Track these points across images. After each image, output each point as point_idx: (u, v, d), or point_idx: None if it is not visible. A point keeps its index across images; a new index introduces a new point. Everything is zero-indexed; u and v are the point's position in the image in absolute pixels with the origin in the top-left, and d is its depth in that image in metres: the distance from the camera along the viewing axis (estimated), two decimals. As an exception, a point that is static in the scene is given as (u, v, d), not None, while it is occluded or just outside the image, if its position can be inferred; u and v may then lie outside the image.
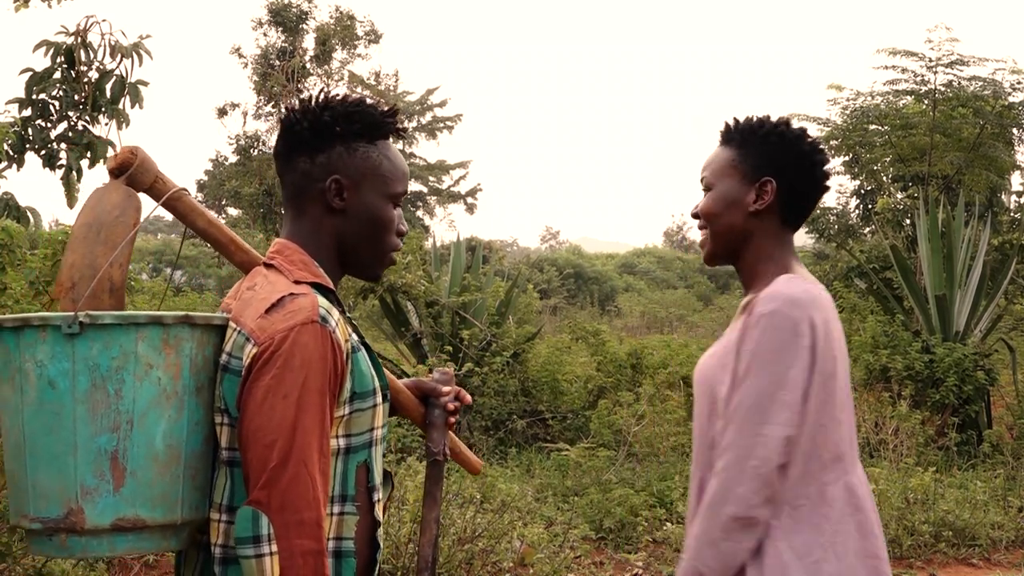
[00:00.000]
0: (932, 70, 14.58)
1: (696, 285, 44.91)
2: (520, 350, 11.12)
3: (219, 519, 2.00)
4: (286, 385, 1.91)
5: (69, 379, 1.86)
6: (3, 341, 1.92)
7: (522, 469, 9.49)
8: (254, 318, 1.99)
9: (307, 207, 2.18)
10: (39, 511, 1.89)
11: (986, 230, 12.43)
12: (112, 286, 2.02)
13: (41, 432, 1.88)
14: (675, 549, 7.49)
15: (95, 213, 2.08)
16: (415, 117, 50.55)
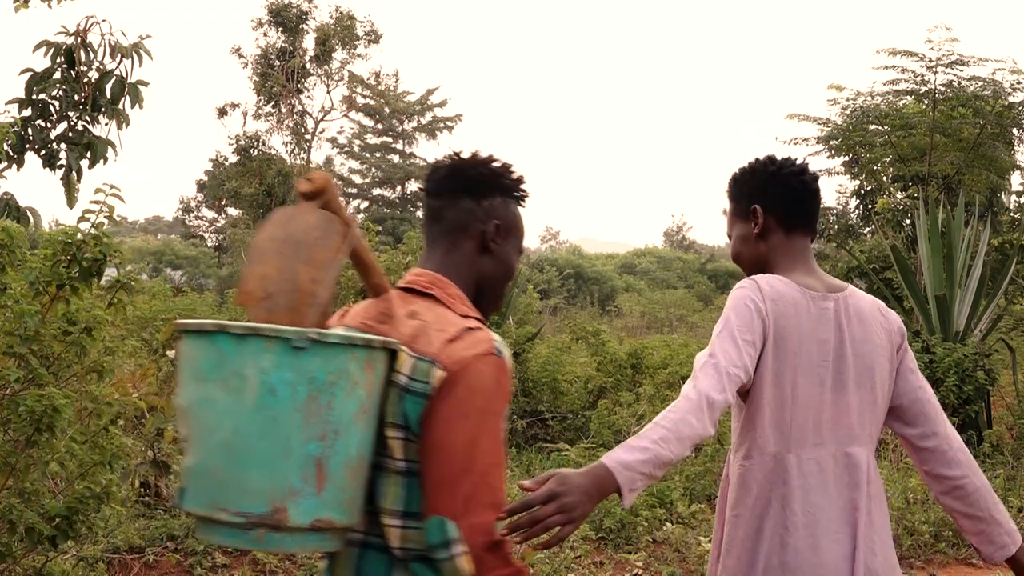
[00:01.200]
0: (932, 70, 14.60)
1: (696, 285, 44.95)
2: (520, 350, 11.12)
3: (394, 524, 2.18)
4: (472, 407, 2.13)
5: (290, 388, 2.00)
6: (217, 344, 2.03)
7: (522, 469, 9.49)
8: (437, 346, 2.18)
9: (463, 243, 2.43)
10: (243, 507, 2.00)
11: (986, 230, 12.44)
12: (316, 303, 2.14)
13: (256, 435, 2.00)
14: (675, 549, 7.50)
15: (288, 231, 2.19)
16: (415, 117, 50.56)
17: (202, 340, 2.06)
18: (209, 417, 2.05)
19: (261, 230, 2.23)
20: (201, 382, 2.06)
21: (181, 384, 2.12)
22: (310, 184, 2.23)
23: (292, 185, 27.83)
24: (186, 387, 2.10)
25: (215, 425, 2.03)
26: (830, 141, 16.13)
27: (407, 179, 50.40)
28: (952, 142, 15.15)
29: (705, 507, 8.08)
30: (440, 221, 2.44)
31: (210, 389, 2.04)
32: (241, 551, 6.53)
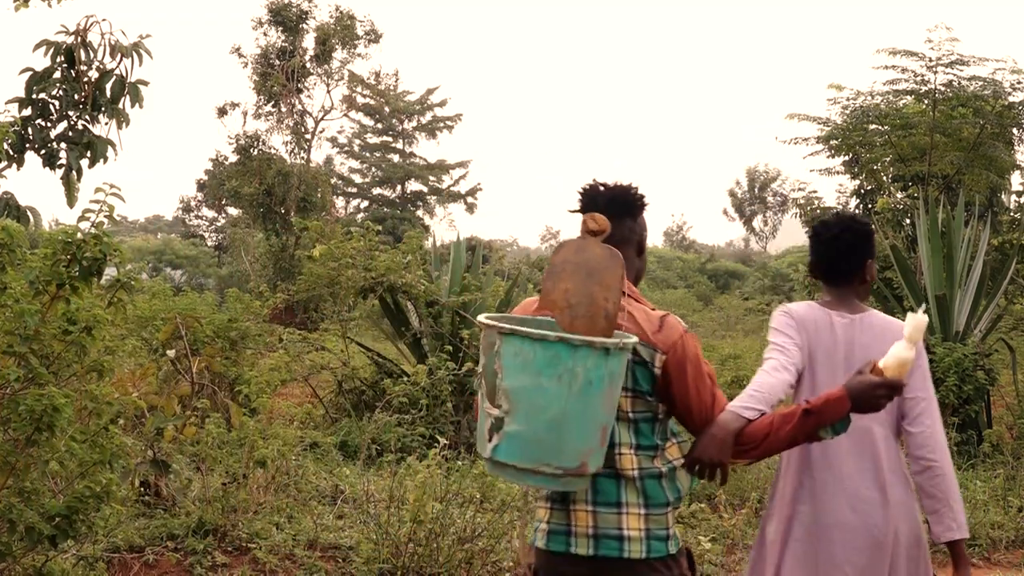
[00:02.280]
0: (932, 70, 14.57)
1: (696, 285, 44.97)
2: (520, 350, 11.12)
3: (630, 453, 3.13)
4: (687, 369, 3.15)
5: (601, 381, 2.84)
6: (553, 349, 2.79)
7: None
8: (652, 336, 3.15)
9: (628, 251, 3.32)
10: (561, 463, 2.85)
11: (986, 230, 12.43)
12: (607, 315, 2.95)
13: (576, 414, 2.82)
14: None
15: (581, 258, 3.00)
16: (415, 117, 50.55)
17: (537, 344, 2.81)
18: (540, 400, 2.81)
19: (556, 254, 3.04)
20: (535, 374, 2.81)
21: (507, 373, 2.83)
22: (596, 224, 3.04)
23: (292, 185, 27.84)
24: (515, 376, 2.83)
25: (546, 406, 2.81)
26: (830, 141, 16.11)
27: (407, 178, 50.41)
28: (952, 142, 15.13)
29: (705, 507, 8.07)
30: (612, 236, 3.14)
31: (543, 380, 2.80)
32: (240, 551, 6.55)
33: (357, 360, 12.01)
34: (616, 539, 3.10)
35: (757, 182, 76.91)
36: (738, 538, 7.77)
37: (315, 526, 6.96)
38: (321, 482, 8.07)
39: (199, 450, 7.16)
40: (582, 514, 3.12)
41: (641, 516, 3.11)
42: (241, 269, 33.06)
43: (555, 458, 2.85)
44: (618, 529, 3.10)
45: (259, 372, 8.79)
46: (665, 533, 3.15)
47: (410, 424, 9.19)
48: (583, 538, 3.12)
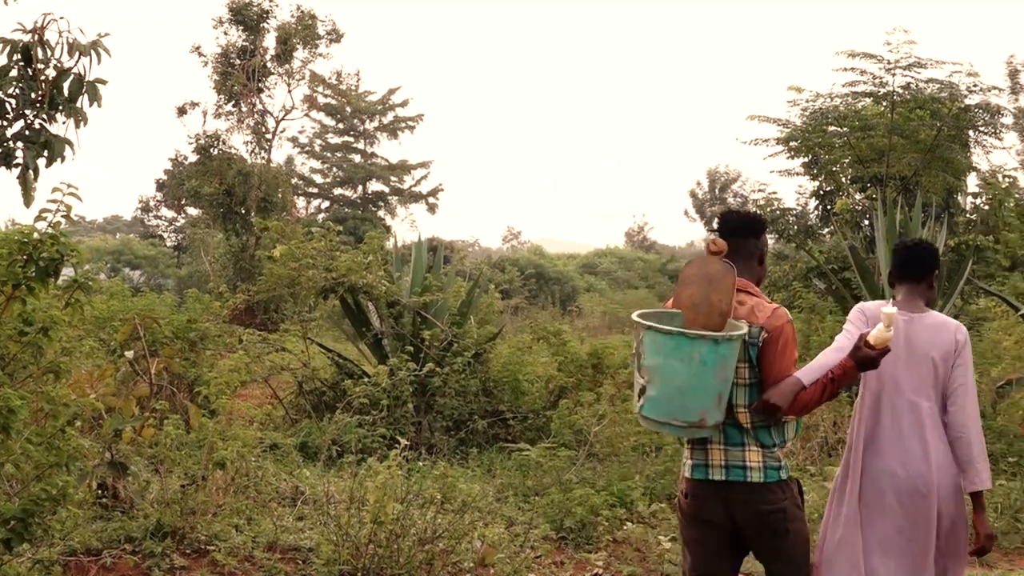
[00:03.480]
0: (890, 72, 14.72)
1: (657, 285, 45.04)
2: (481, 350, 11.11)
3: (743, 411, 4.30)
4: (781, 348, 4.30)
5: (713, 362, 4.03)
6: (676, 340, 4.04)
7: (483, 469, 9.49)
8: (763, 320, 4.31)
9: (752, 262, 4.53)
10: (685, 418, 4.09)
11: (943, 231, 12.54)
12: (721, 312, 4.18)
13: (695, 384, 4.05)
14: (635, 548, 7.52)
15: (704, 271, 4.24)
16: (376, 117, 50.41)
17: (667, 336, 4.06)
18: (669, 373, 4.06)
19: (687, 268, 4.33)
20: (666, 357, 4.06)
21: (647, 354, 4.10)
22: (716, 247, 4.25)
23: (252, 185, 27.67)
24: (652, 357, 4.09)
25: (673, 377, 4.06)
26: (790, 142, 16.23)
27: (368, 179, 50.24)
28: (910, 144, 15.27)
29: (665, 506, 8.10)
30: (739, 251, 4.43)
31: (671, 361, 4.05)
32: (199, 554, 6.52)
33: (318, 361, 11.96)
34: (741, 468, 4.31)
35: (718, 183, 77.22)
36: (698, 537, 7.80)
37: (275, 528, 6.92)
38: (281, 483, 8.02)
39: (157, 452, 7.11)
40: (716, 452, 4.36)
41: (759, 451, 4.31)
42: (201, 270, 32.84)
43: (680, 414, 4.11)
44: (742, 462, 4.31)
45: (218, 373, 8.75)
46: (777, 465, 4.33)
47: (371, 425, 9.16)
48: (718, 468, 4.34)
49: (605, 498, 8.10)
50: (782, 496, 4.30)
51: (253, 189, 27.74)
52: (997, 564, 7.87)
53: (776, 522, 4.30)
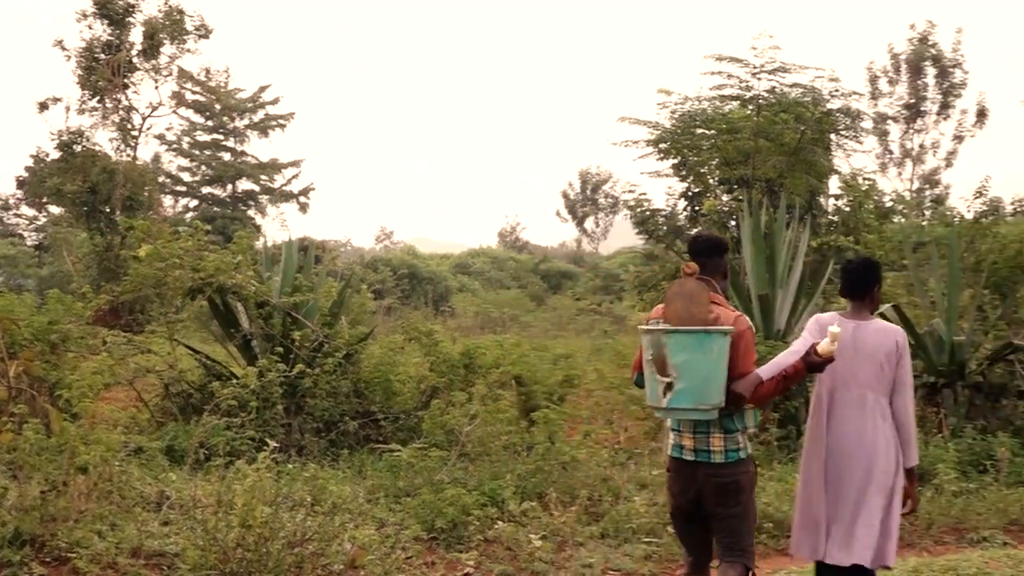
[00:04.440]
0: (756, 76, 15.02)
1: (529, 285, 45.34)
2: (353, 351, 11.03)
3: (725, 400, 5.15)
4: (743, 348, 5.13)
5: (722, 351, 5.03)
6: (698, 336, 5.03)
7: (354, 471, 9.42)
8: (730, 323, 5.14)
9: (718, 276, 5.41)
10: (709, 402, 5.02)
11: (806, 232, 12.86)
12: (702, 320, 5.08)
13: (715, 371, 5.02)
14: (506, 547, 7.55)
15: (682, 289, 5.15)
16: (246, 114, 49.71)
17: (689, 334, 5.05)
18: (695, 366, 5.02)
19: (669, 288, 5.23)
20: (691, 352, 5.03)
21: (673, 354, 5.05)
22: (689, 269, 5.22)
23: (117, 183, 27.06)
24: (678, 355, 5.04)
25: (698, 369, 5.03)
26: (659, 144, 16.45)
27: (238, 177, 49.52)
28: (775, 146, 15.60)
29: (536, 505, 8.15)
30: (707, 267, 5.36)
31: (696, 355, 5.02)
32: (60, 561, 6.36)
33: (185, 363, 11.73)
34: (707, 451, 5.31)
35: (589, 184, 77.97)
36: (568, 535, 7.87)
37: (139, 533, 6.78)
38: (146, 488, 7.85)
39: (16, 457, 6.92)
40: (687, 438, 5.36)
41: (721, 437, 5.28)
42: (63, 270, 31.96)
43: (707, 400, 5.05)
44: (708, 446, 5.31)
45: (81, 376, 8.51)
46: (736, 447, 5.30)
47: (239, 427, 9.04)
48: (689, 451, 5.36)
49: (476, 498, 8.11)
50: (738, 471, 5.31)
51: (118, 187, 27.12)
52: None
53: (731, 492, 5.31)
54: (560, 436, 9.87)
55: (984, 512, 8.78)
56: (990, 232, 13.10)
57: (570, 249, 76.44)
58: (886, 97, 53.64)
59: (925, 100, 53.14)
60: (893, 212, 16.94)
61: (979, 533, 8.62)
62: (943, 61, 52.80)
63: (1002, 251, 12.61)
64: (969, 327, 11.86)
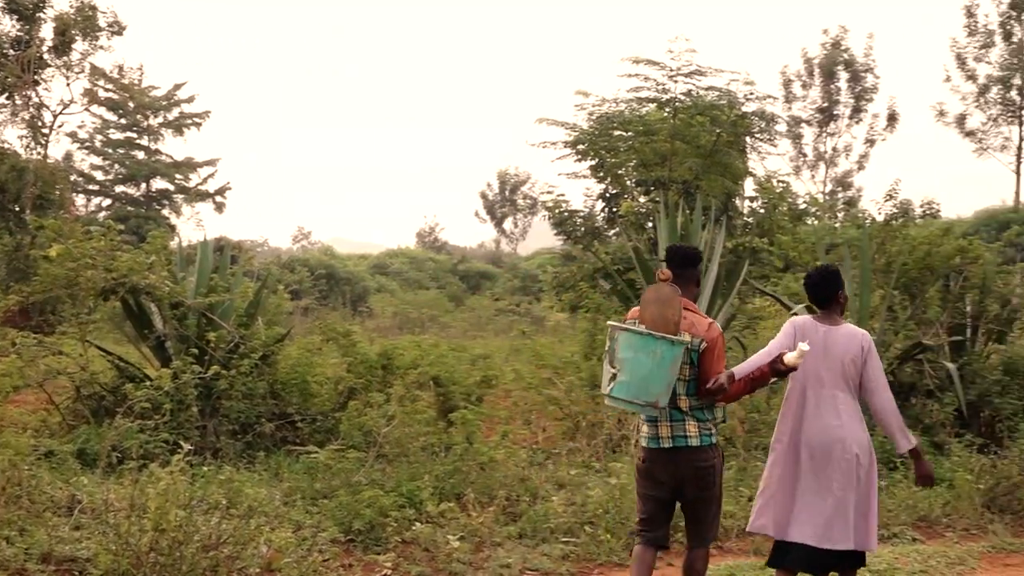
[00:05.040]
0: (672, 79, 15.16)
1: (448, 286, 45.30)
2: (269, 352, 10.94)
3: (685, 397, 5.80)
4: (715, 354, 5.79)
5: (669, 358, 5.56)
6: (645, 338, 5.55)
7: (270, 473, 9.34)
8: (702, 332, 5.80)
9: (692, 285, 6.02)
10: (645, 399, 5.55)
11: (721, 233, 13.00)
12: (674, 323, 5.59)
13: (655, 374, 5.54)
14: (424, 548, 7.54)
15: (657, 295, 5.65)
16: (161, 113, 49.03)
17: (637, 335, 5.58)
18: (637, 365, 5.54)
19: (645, 293, 5.73)
20: (636, 352, 5.55)
21: (620, 349, 5.62)
22: (663, 275, 5.73)
23: (27, 181, 26.53)
24: (624, 351, 5.59)
25: (639, 368, 5.54)
26: (577, 145, 16.53)
27: (152, 176, 48.81)
28: (691, 149, 15.75)
29: (454, 505, 8.14)
30: (682, 277, 5.93)
31: (639, 355, 5.54)
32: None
33: (97, 364, 11.52)
34: (684, 437, 5.86)
35: (508, 185, 78.13)
36: (486, 536, 7.89)
37: (49, 539, 6.66)
38: (57, 492, 7.71)
39: (-80, 462, 6.75)
40: (664, 427, 5.89)
41: (696, 424, 5.87)
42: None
43: (642, 396, 5.60)
44: (684, 432, 5.87)
45: (-11, 378, 8.34)
46: (709, 433, 5.91)
47: (153, 430, 8.91)
48: (666, 439, 5.88)
49: (394, 499, 8.10)
50: (713, 455, 5.93)
51: (28, 186, 26.57)
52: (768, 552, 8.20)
53: (707, 474, 5.92)
54: (478, 436, 9.88)
55: (894, 509, 8.94)
56: (900, 234, 13.32)
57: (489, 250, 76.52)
58: (800, 101, 54.71)
59: (838, 104, 54.23)
60: (806, 214, 17.18)
61: (889, 529, 8.79)
62: (855, 66, 53.91)
63: (911, 252, 12.82)
64: (880, 327, 12.08)
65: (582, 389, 11.65)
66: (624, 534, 8.03)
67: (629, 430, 10.30)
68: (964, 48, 48.50)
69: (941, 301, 12.78)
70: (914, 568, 7.66)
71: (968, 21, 48.39)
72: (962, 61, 48.53)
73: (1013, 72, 47.35)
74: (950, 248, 12.99)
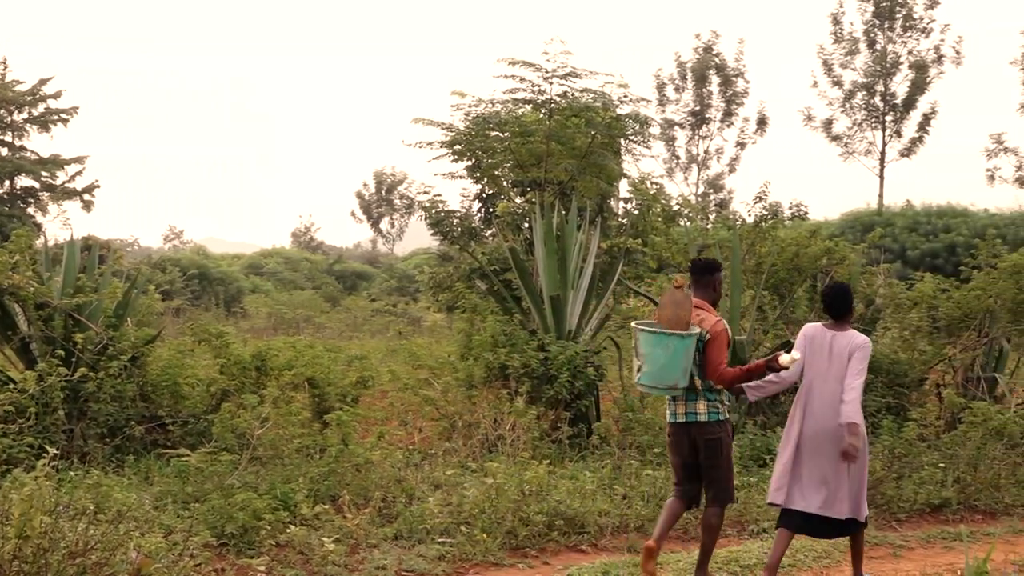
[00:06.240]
0: (548, 81, 15.21)
1: (324, 286, 44.90)
2: (139, 353, 10.71)
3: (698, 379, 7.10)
4: (717, 344, 7.05)
5: (680, 350, 6.94)
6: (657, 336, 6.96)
7: (140, 477, 9.16)
8: (708, 327, 7.07)
9: (709, 290, 7.35)
10: (665, 383, 7.01)
11: (596, 234, 13.15)
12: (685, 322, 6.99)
13: (670, 363, 6.94)
14: (299, 551, 7.47)
15: (672, 299, 6.99)
16: (26, 108, 47.63)
17: (652, 334, 7.00)
18: (654, 358, 6.97)
19: (662, 297, 7.19)
20: (652, 347, 6.98)
21: (642, 345, 7.06)
22: (678, 282, 7.08)
23: None
24: (645, 348, 7.03)
25: (657, 360, 6.96)
26: (454, 146, 16.47)
27: (16, 173, 47.32)
28: (567, 150, 15.81)
29: (329, 508, 8.09)
30: (699, 283, 7.33)
31: (655, 349, 6.97)
32: None
33: (-43, 367, 11.17)
34: (694, 413, 7.14)
35: (384, 184, 77.88)
36: (362, 537, 7.85)
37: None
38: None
39: None
40: (680, 405, 7.18)
41: (705, 403, 7.13)
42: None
43: (662, 381, 6.99)
44: (695, 410, 7.14)
45: None
46: (716, 410, 7.14)
47: (17, 434, 8.68)
48: (681, 415, 7.19)
49: (268, 502, 8.00)
50: (719, 429, 7.16)
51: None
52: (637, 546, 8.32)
53: (715, 445, 7.15)
54: (354, 438, 9.83)
55: (763, 505, 9.14)
56: (769, 235, 13.64)
57: (365, 250, 76.22)
58: (673, 104, 55.46)
59: (710, 108, 55.11)
60: (679, 215, 17.41)
61: (759, 525, 9.00)
62: (727, 70, 54.89)
63: (780, 253, 13.14)
64: (750, 327, 12.35)
65: (459, 389, 11.68)
66: (500, 534, 8.09)
67: (505, 430, 10.36)
68: (831, 55, 49.70)
69: (809, 301, 13.14)
70: (783, 563, 7.84)
71: (834, 29, 49.60)
72: (829, 67, 49.75)
73: (876, 79, 48.74)
74: (817, 249, 13.35)
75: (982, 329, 12.87)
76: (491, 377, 11.67)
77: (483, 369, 11.67)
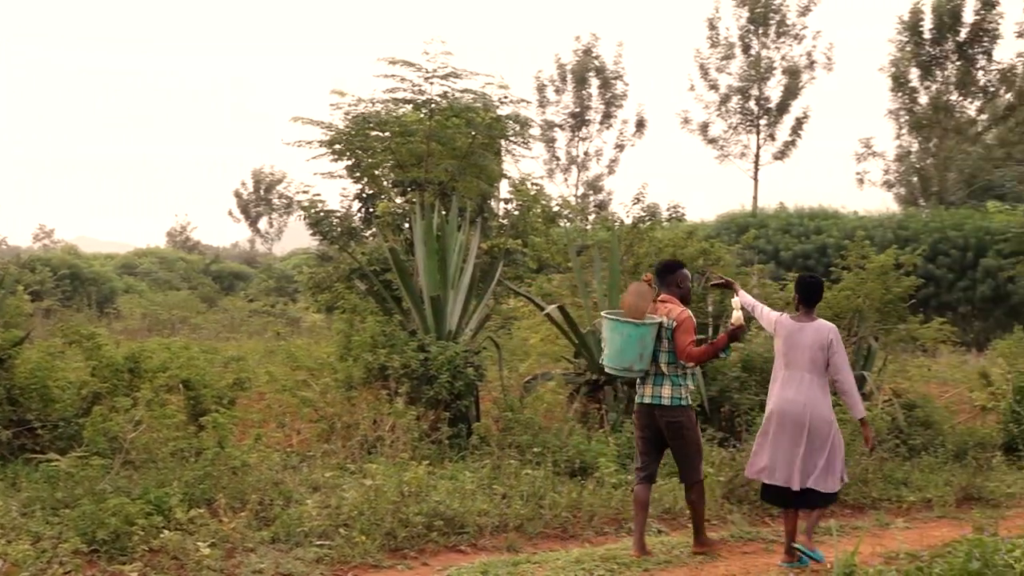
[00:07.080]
0: (429, 81, 15.19)
1: (200, 286, 44.22)
2: (6, 355, 10.41)
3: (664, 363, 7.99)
4: (685, 331, 7.89)
5: (635, 336, 7.87)
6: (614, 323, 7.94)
7: (7, 483, 8.90)
8: (675, 316, 7.94)
9: (673, 287, 8.22)
10: (622, 365, 7.99)
11: (477, 234, 13.17)
12: (644, 312, 7.91)
13: (625, 348, 7.89)
14: (173, 557, 7.34)
15: (637, 290, 7.99)
16: None
17: (611, 321, 7.96)
18: (611, 341, 7.97)
19: (629, 288, 8.15)
20: (611, 332, 7.97)
21: (603, 331, 8.19)
22: (646, 278, 8.13)
23: None
24: (605, 333, 8.09)
25: (613, 343, 7.94)
26: (333, 145, 16.33)
27: None
28: (447, 150, 15.80)
29: (205, 511, 7.95)
30: (665, 281, 8.21)
31: (612, 335, 7.96)
32: None
33: None
34: (659, 397, 7.95)
35: (263, 184, 76.98)
36: (238, 541, 7.74)
37: None
38: None
39: None
40: (647, 388, 8.00)
41: (670, 387, 7.93)
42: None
43: (619, 363, 7.93)
44: (660, 394, 7.95)
45: None
46: (680, 396, 7.94)
47: None
48: (647, 397, 8.00)
49: (141, 507, 7.83)
50: (680, 414, 7.95)
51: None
52: (523, 548, 8.37)
53: (676, 428, 7.96)
54: (230, 440, 9.68)
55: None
56: (647, 236, 13.84)
57: (243, 250, 75.28)
58: (553, 105, 55.92)
59: (589, 110, 55.70)
60: (559, 216, 17.55)
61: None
62: (606, 73, 55.53)
63: (658, 254, 13.32)
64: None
65: (338, 390, 11.59)
66: (379, 535, 8.05)
67: (385, 431, 10.31)
68: (707, 59, 50.68)
69: (685, 301, 13.32)
70: (659, 559, 7.95)
71: (711, 34, 50.59)
72: (705, 71, 50.71)
73: (751, 83, 49.84)
74: (694, 250, 13.60)
75: (851, 328, 13.23)
76: (370, 378, 11.59)
77: (362, 370, 11.59)
